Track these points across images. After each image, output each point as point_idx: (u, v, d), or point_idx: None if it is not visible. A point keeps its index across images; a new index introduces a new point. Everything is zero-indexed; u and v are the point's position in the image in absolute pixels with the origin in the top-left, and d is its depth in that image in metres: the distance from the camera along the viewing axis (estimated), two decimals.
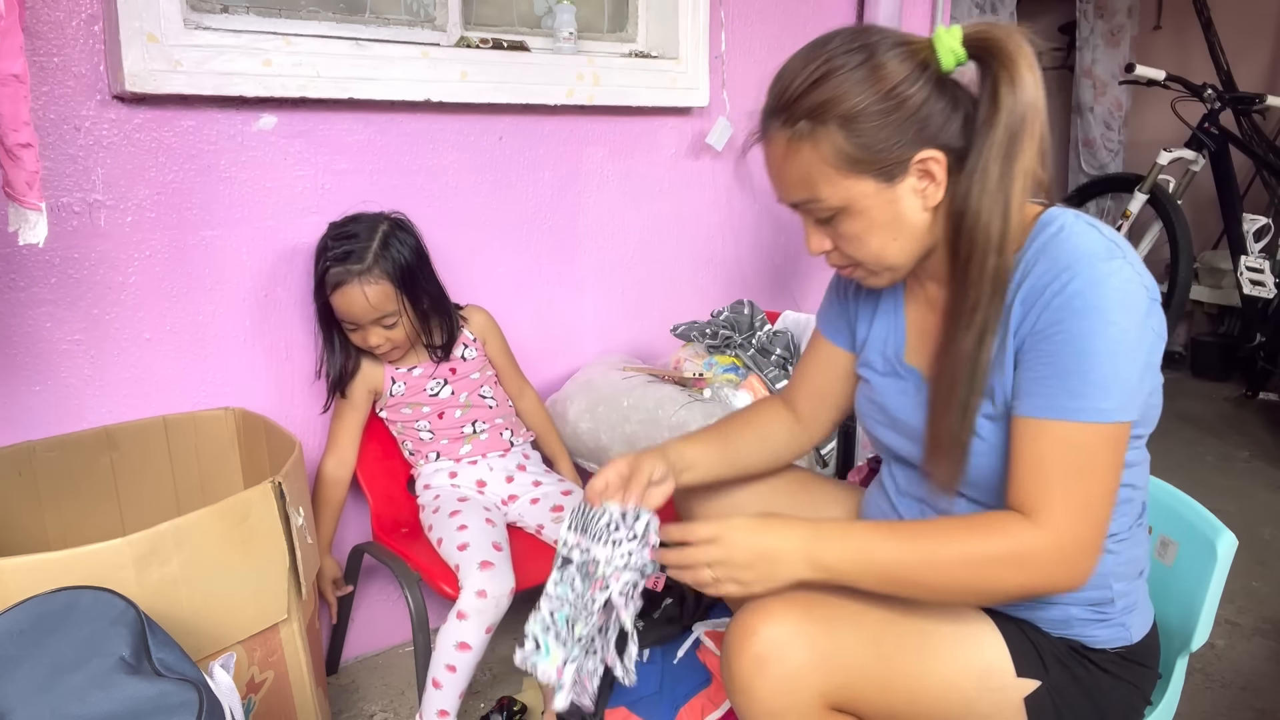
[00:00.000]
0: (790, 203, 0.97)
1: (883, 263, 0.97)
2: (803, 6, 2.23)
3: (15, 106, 0.96)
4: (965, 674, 0.95)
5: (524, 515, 1.59)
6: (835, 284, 1.19)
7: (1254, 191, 3.57)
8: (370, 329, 1.48)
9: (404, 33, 1.72)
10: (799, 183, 0.94)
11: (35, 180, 1.00)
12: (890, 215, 0.93)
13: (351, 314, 1.47)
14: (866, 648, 0.93)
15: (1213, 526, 1.12)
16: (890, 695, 0.94)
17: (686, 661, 1.44)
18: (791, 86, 0.91)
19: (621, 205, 2.00)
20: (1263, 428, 3.11)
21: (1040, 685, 0.96)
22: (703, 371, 1.80)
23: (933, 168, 0.90)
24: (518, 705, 1.59)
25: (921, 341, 1.05)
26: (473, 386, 1.64)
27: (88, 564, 0.99)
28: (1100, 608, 0.99)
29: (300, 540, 1.21)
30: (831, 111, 0.88)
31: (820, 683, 0.91)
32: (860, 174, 0.90)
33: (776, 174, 0.97)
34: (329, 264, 1.45)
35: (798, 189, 0.94)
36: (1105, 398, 0.85)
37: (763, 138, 0.97)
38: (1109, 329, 0.84)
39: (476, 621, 1.37)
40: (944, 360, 0.95)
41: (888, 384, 1.08)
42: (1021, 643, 0.97)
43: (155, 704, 0.81)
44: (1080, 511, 0.87)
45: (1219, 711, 1.62)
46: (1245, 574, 2.05)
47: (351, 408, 1.58)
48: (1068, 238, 0.89)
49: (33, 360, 1.37)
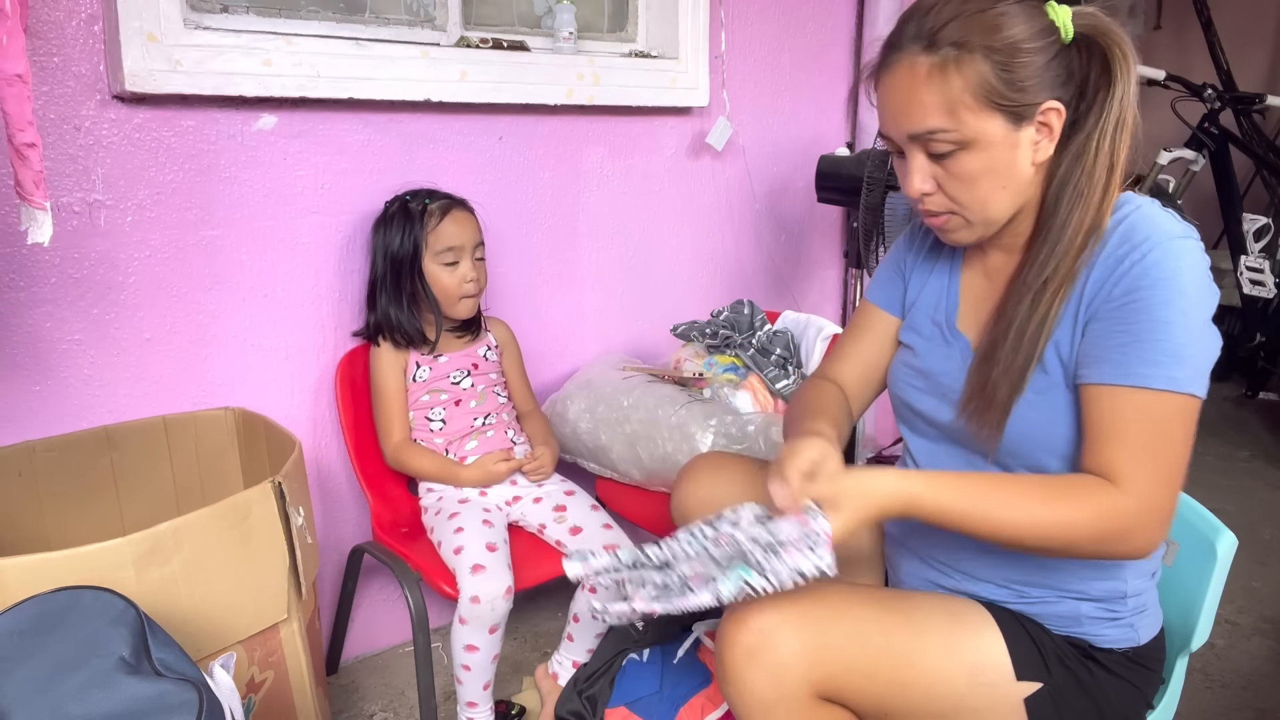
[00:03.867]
0: (914, 133, 0.93)
1: (985, 211, 0.96)
2: (803, 6, 2.23)
3: (20, 106, 0.97)
4: (957, 666, 0.95)
5: (526, 515, 1.59)
6: (892, 255, 1.19)
7: (1254, 191, 3.56)
8: (469, 258, 1.57)
9: (404, 33, 1.72)
10: (934, 110, 0.90)
11: (41, 180, 1.02)
12: (1007, 160, 0.92)
13: (463, 236, 1.56)
14: (856, 638, 0.94)
15: (1213, 526, 1.12)
16: (879, 685, 0.94)
17: (686, 661, 1.44)
18: (938, 14, 0.90)
19: (621, 205, 2.00)
20: (1263, 428, 3.11)
21: (1042, 687, 0.95)
22: (703, 371, 1.80)
23: (1053, 120, 0.91)
24: (516, 708, 1.59)
25: (974, 310, 1.06)
26: (490, 382, 1.68)
27: (88, 564, 0.99)
28: (1111, 606, 0.99)
29: (300, 540, 1.21)
30: (983, 41, 0.88)
31: (809, 672, 0.91)
32: (995, 110, 0.90)
33: (905, 101, 0.92)
34: (428, 201, 1.56)
35: (931, 116, 0.91)
36: (1178, 366, 0.86)
37: (889, 66, 0.93)
38: (1183, 300, 0.87)
39: (475, 625, 1.39)
40: (1005, 325, 0.96)
41: (934, 349, 1.08)
42: (1024, 644, 0.97)
43: (155, 704, 0.81)
44: (1163, 480, 0.88)
45: (1219, 711, 1.62)
46: (1245, 574, 2.05)
47: (397, 388, 1.61)
48: (1145, 216, 0.92)
49: (33, 360, 1.37)
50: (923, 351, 1.10)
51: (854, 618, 0.95)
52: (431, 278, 1.56)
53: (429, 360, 1.62)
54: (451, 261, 1.56)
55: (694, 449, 1.55)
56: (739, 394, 1.70)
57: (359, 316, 1.66)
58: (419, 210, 1.55)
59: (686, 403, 1.63)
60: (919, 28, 0.91)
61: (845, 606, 0.96)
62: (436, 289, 1.57)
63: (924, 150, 0.94)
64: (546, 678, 1.61)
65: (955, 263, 1.10)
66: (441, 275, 1.56)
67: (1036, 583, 1.00)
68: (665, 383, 1.75)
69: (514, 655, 1.81)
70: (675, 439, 1.58)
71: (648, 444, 1.62)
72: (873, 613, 0.97)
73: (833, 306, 2.54)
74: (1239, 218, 3.12)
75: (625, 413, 1.67)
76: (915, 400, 1.10)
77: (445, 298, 1.58)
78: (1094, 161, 0.91)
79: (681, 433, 1.58)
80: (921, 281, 1.13)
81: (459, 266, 1.56)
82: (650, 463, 1.63)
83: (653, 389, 1.70)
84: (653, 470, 1.64)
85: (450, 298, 1.58)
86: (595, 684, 1.48)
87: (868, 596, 1.01)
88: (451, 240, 1.55)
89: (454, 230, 1.55)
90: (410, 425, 1.63)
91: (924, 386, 1.08)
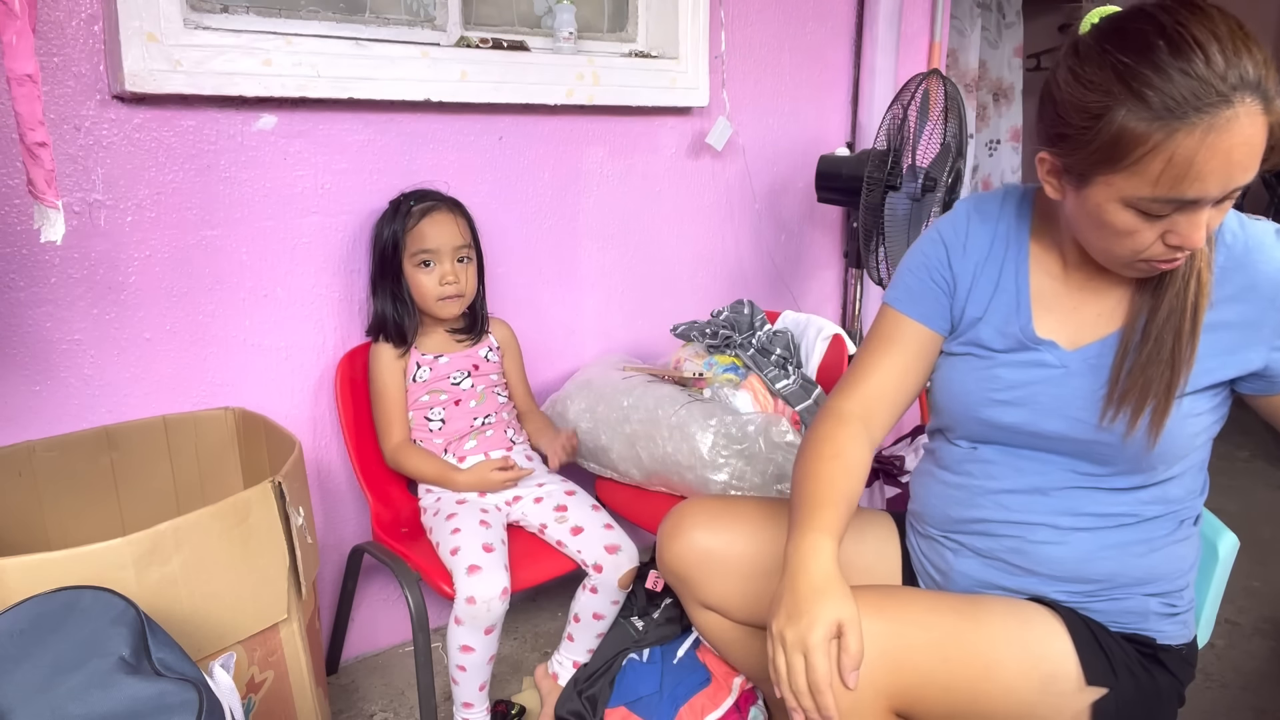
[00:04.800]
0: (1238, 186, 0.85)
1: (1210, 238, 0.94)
2: (803, 6, 2.22)
3: (30, 106, 0.97)
4: (1029, 679, 0.94)
5: (527, 515, 1.59)
6: (927, 263, 1.10)
7: (1254, 191, 3.57)
8: (448, 260, 1.56)
9: (404, 33, 1.72)
10: (1257, 161, 0.83)
11: (52, 178, 1.02)
12: None
13: (439, 239, 1.55)
14: (933, 650, 0.92)
15: (1213, 526, 1.13)
16: (953, 698, 0.93)
17: (686, 661, 1.44)
18: (1257, 60, 0.80)
19: (621, 205, 2.00)
20: (1263, 427, 3.10)
21: (1109, 692, 0.95)
22: (703, 371, 1.80)
23: None
24: (516, 708, 1.59)
25: (1050, 314, 1.02)
26: (491, 384, 1.68)
27: (88, 564, 0.99)
28: (1172, 600, 1.00)
29: (300, 540, 1.21)
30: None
31: (887, 683, 0.90)
32: None
33: (1245, 156, 0.82)
34: (414, 203, 1.56)
35: (1254, 168, 0.83)
36: None
37: (1223, 117, 0.79)
38: None
39: (471, 626, 1.39)
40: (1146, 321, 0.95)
41: (1016, 359, 1.03)
42: (1093, 650, 0.96)
43: (155, 704, 0.81)
44: None
45: (1219, 711, 1.62)
46: (1245, 574, 2.05)
47: (396, 389, 1.61)
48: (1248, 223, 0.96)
49: (33, 360, 1.37)
50: (1005, 362, 1.03)
51: (932, 627, 0.94)
52: (409, 277, 1.57)
53: (429, 361, 1.61)
54: (426, 263, 1.55)
55: (694, 449, 1.55)
56: (739, 394, 1.70)
57: (359, 316, 1.66)
58: (406, 210, 1.56)
59: (686, 403, 1.63)
60: (1240, 75, 0.79)
61: (922, 615, 0.94)
62: (414, 289, 1.57)
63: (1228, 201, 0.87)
64: (546, 678, 1.61)
65: (1020, 269, 1.04)
66: (417, 276, 1.56)
67: (1108, 580, 0.99)
68: (665, 383, 1.75)
69: (514, 655, 1.81)
70: (675, 439, 1.58)
71: (648, 444, 1.62)
72: (950, 621, 0.95)
73: (833, 306, 2.54)
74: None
75: (625, 413, 1.67)
76: (1000, 415, 1.03)
77: (423, 298, 1.58)
78: None
79: (681, 433, 1.58)
80: (985, 299, 1.06)
81: (435, 268, 1.55)
82: (650, 463, 1.63)
83: (653, 389, 1.70)
84: (653, 470, 1.64)
85: (427, 299, 1.57)
86: (595, 684, 1.48)
87: (942, 604, 0.99)
88: (426, 242, 1.54)
89: (430, 232, 1.54)
90: (410, 426, 1.63)
91: (1012, 399, 1.02)
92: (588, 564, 1.51)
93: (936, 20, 2.47)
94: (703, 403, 1.64)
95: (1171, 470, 0.98)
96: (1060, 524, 1.01)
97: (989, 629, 0.96)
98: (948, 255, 1.08)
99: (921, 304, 1.09)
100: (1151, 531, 1.00)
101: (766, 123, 2.22)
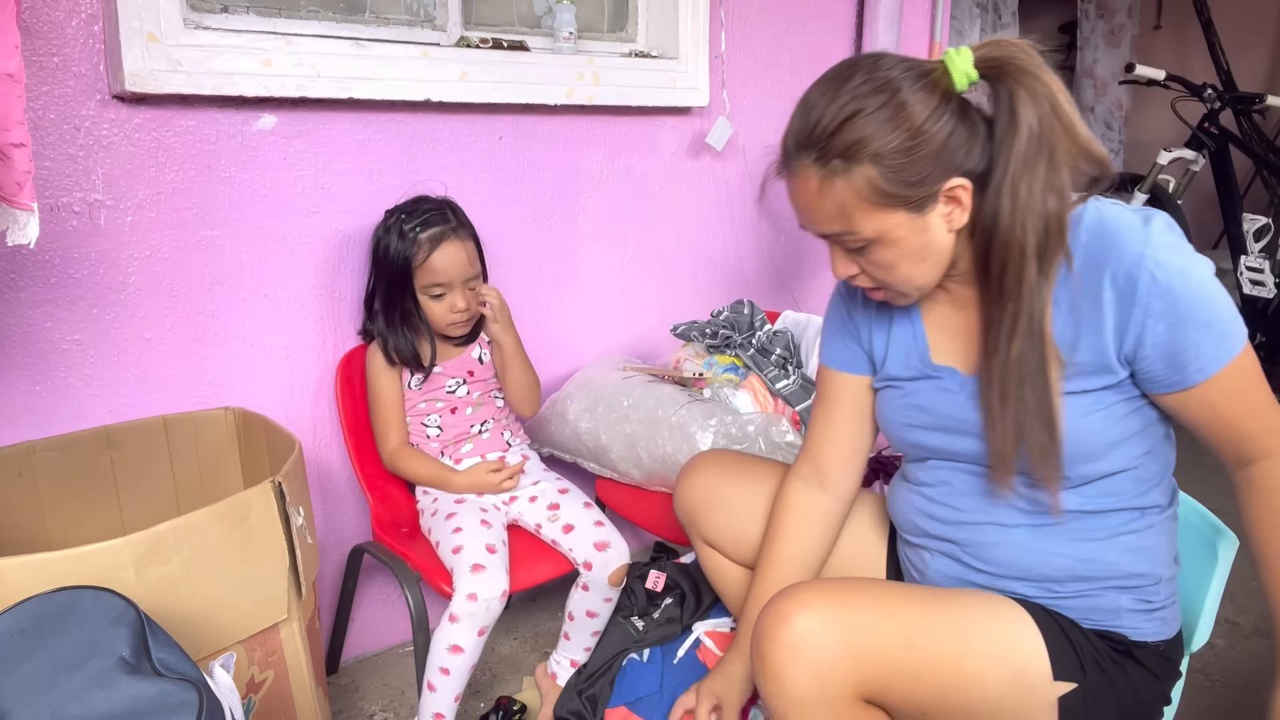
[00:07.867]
0: (822, 234, 0.98)
1: (911, 284, 0.99)
2: (803, 6, 2.23)
3: (8, 106, 0.94)
4: (999, 670, 0.94)
5: (524, 514, 1.59)
6: (834, 317, 1.18)
7: (1254, 191, 3.57)
8: (460, 289, 1.53)
9: (404, 32, 1.72)
10: (833, 217, 0.94)
11: (27, 180, 0.99)
12: (921, 242, 0.94)
13: (451, 272, 1.50)
14: (900, 640, 0.93)
15: (1213, 526, 1.13)
16: (921, 688, 0.94)
17: (686, 661, 1.44)
18: (821, 125, 0.90)
19: (621, 205, 2.00)
20: None
21: (1076, 687, 0.95)
22: (703, 371, 1.80)
23: (960, 194, 0.92)
24: (517, 705, 1.59)
25: (947, 340, 1.05)
26: (487, 388, 1.67)
27: (88, 564, 0.99)
28: (1147, 596, 0.99)
29: (300, 540, 1.21)
30: (864, 150, 0.89)
31: (853, 672, 0.90)
32: (893, 207, 0.91)
33: (808, 208, 0.96)
34: (420, 228, 1.49)
35: (832, 222, 0.95)
36: (1236, 321, 0.92)
37: (788, 171, 0.96)
38: (1201, 271, 0.90)
39: (468, 625, 1.37)
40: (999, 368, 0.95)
41: (922, 386, 1.07)
42: (1062, 645, 0.96)
43: (155, 704, 0.81)
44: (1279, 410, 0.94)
45: (1219, 711, 1.62)
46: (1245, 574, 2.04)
47: (393, 392, 1.60)
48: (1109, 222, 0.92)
49: (33, 360, 1.37)
50: (913, 389, 1.08)
51: (899, 617, 0.95)
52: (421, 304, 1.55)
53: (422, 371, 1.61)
54: (439, 295, 1.53)
55: (694, 449, 1.55)
56: (739, 394, 1.71)
57: (359, 316, 1.66)
58: (413, 238, 1.50)
59: (686, 403, 1.63)
60: (806, 135, 0.92)
61: (890, 606, 0.95)
62: (423, 312, 1.55)
63: (841, 246, 0.97)
64: (545, 677, 1.61)
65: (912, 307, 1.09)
66: (428, 304, 1.54)
67: (1078, 576, 1.00)
68: (665, 383, 1.75)
69: (514, 655, 1.81)
70: (675, 439, 1.58)
71: (648, 444, 1.62)
72: (917, 612, 0.96)
73: None
74: (1239, 218, 3.12)
75: (625, 413, 1.67)
76: (920, 438, 1.08)
77: (432, 322, 1.56)
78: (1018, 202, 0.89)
79: (681, 433, 1.58)
80: (885, 335, 1.12)
81: (446, 298, 1.53)
82: (650, 463, 1.63)
83: (653, 389, 1.70)
84: (653, 470, 1.64)
85: (436, 324, 1.56)
86: (595, 684, 1.48)
87: (911, 595, 1.00)
88: (438, 276, 1.51)
89: (442, 266, 1.50)
90: (407, 429, 1.63)
91: (928, 422, 1.06)
92: (578, 562, 1.51)
93: (936, 20, 2.47)
94: (703, 403, 1.64)
95: (1106, 465, 0.97)
96: (1006, 522, 1.02)
97: (957, 620, 0.97)
98: (846, 306, 1.17)
99: (840, 356, 1.17)
100: (1103, 523, 1.00)
101: (766, 123, 2.22)
